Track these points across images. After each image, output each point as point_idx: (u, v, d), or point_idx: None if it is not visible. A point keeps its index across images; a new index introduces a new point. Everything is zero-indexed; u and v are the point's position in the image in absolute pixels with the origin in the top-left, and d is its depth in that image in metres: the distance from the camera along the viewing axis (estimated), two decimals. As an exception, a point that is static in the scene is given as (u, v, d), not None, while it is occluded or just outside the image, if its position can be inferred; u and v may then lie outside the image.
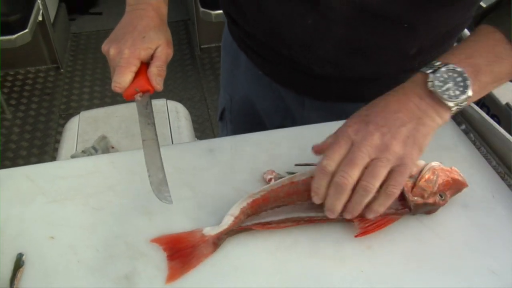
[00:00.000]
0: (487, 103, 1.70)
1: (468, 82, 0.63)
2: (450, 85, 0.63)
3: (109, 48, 0.79)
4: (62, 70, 3.32)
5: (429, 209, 0.72)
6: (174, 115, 1.68)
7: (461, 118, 0.90)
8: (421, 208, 0.71)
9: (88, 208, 0.76)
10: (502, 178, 0.80)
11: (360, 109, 0.68)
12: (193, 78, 3.20)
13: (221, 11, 2.89)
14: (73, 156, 1.45)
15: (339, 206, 0.65)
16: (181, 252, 0.69)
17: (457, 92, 0.63)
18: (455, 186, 0.73)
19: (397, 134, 0.63)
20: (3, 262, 0.69)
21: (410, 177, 0.70)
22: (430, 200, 0.71)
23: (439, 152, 0.84)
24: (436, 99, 0.64)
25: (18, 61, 3.24)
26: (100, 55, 3.52)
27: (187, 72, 3.26)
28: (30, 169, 0.84)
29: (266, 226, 0.70)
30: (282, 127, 1.01)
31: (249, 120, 1.13)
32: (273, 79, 1.00)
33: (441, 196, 0.71)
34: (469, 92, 0.63)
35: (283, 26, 0.87)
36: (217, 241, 0.69)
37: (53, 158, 2.57)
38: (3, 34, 2.52)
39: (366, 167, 0.63)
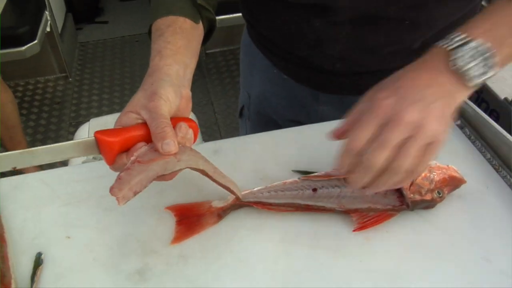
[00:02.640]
0: (486, 98, 1.72)
1: (496, 59, 0.60)
2: (473, 64, 0.60)
3: None
4: (70, 79, 3.38)
5: (426, 205, 0.76)
6: (181, 119, 1.72)
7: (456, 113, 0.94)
8: (419, 205, 0.75)
9: (101, 209, 0.80)
10: (497, 171, 0.83)
11: (387, 79, 0.63)
12: (199, 83, 3.25)
13: (225, 16, 2.94)
14: (84, 162, 1.49)
15: (363, 183, 0.63)
16: (189, 219, 0.76)
17: (481, 71, 0.60)
18: (453, 183, 0.77)
19: (433, 110, 0.59)
20: (24, 261, 0.73)
21: None
22: (427, 197, 0.74)
23: (435, 147, 0.87)
24: (460, 78, 0.61)
25: (27, 71, 3.30)
26: (107, 62, 3.59)
27: (193, 77, 3.29)
28: (44, 174, 0.89)
29: (266, 206, 0.76)
30: (297, 123, 1.06)
31: (265, 117, 1.17)
32: (288, 76, 1.05)
33: (438, 193, 0.75)
34: (493, 71, 0.61)
35: (292, 29, 0.92)
36: (222, 213, 0.76)
37: (64, 165, 2.61)
38: (12, 46, 2.58)
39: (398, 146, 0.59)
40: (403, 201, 0.74)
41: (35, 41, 2.65)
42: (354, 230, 0.73)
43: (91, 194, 0.83)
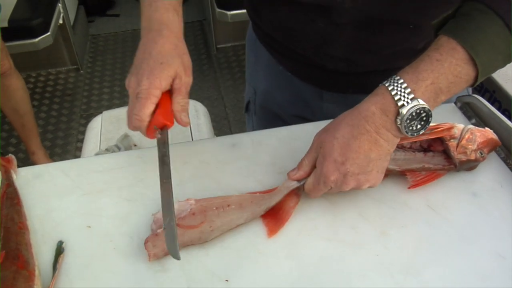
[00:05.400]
0: (499, 98, 1.73)
1: (431, 119, 0.69)
2: (414, 121, 0.69)
3: (129, 81, 0.77)
4: (82, 71, 3.40)
5: (471, 165, 0.83)
6: (193, 113, 1.73)
7: (471, 112, 0.94)
8: (464, 165, 0.82)
9: (121, 200, 0.81)
10: (511, 169, 0.84)
11: (333, 147, 0.72)
12: (210, 78, 3.26)
13: (237, 12, 2.95)
14: (97, 154, 1.50)
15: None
16: (272, 208, 0.78)
17: (419, 127, 0.70)
18: (491, 144, 0.83)
19: (369, 176, 0.73)
20: (45, 250, 0.74)
21: (453, 138, 0.80)
22: (472, 157, 0.81)
23: (450, 145, 0.88)
24: (399, 130, 0.70)
25: (39, 63, 3.33)
26: (118, 55, 3.61)
27: (204, 72, 3.32)
28: (64, 164, 0.90)
29: None
30: (301, 119, 1.07)
31: (270, 112, 1.18)
32: (292, 73, 1.06)
33: (480, 153, 0.81)
34: (428, 126, 0.70)
35: (296, 29, 0.93)
36: (298, 192, 0.78)
37: (75, 157, 2.63)
38: (26, 38, 2.60)
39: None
40: (451, 162, 0.81)
41: (48, 33, 2.67)
42: (409, 188, 0.81)
43: (110, 184, 0.84)
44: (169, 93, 0.78)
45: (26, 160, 2.43)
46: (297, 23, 0.91)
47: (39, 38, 2.64)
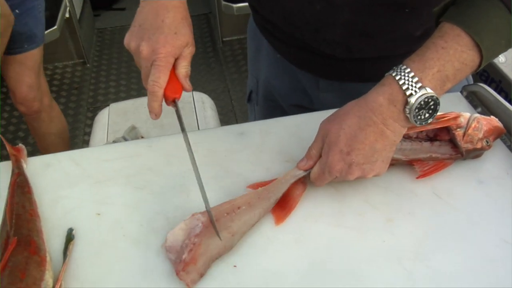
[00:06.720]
0: (505, 88, 1.73)
1: (438, 107, 0.70)
2: (423, 110, 0.69)
3: (138, 46, 0.77)
4: (88, 65, 3.41)
5: (477, 153, 0.84)
6: (200, 105, 1.74)
7: (477, 101, 0.95)
8: (471, 153, 0.83)
9: (131, 188, 0.82)
10: (517, 157, 0.85)
11: (339, 137, 0.73)
12: (216, 70, 3.27)
13: (242, 5, 2.93)
14: (105, 144, 1.52)
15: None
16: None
17: (427, 115, 0.70)
18: (497, 132, 0.84)
19: (374, 165, 0.74)
20: (55, 237, 0.76)
21: (460, 127, 0.81)
22: (478, 146, 0.82)
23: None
24: (407, 120, 0.71)
25: (46, 57, 3.31)
26: (125, 49, 3.58)
27: (210, 65, 3.32)
28: (74, 153, 0.91)
29: None
30: (300, 108, 1.08)
31: (272, 101, 1.19)
32: (289, 61, 1.07)
33: (486, 141, 0.82)
34: (436, 114, 0.71)
35: (293, 12, 0.93)
36: (305, 180, 0.79)
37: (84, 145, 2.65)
38: (33, 31, 2.60)
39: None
40: (458, 151, 0.82)
41: (55, 27, 2.67)
42: (417, 177, 0.81)
43: (119, 173, 0.85)
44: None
45: (33, 154, 2.44)
46: (295, 6, 0.91)
47: (46, 32, 2.63)
